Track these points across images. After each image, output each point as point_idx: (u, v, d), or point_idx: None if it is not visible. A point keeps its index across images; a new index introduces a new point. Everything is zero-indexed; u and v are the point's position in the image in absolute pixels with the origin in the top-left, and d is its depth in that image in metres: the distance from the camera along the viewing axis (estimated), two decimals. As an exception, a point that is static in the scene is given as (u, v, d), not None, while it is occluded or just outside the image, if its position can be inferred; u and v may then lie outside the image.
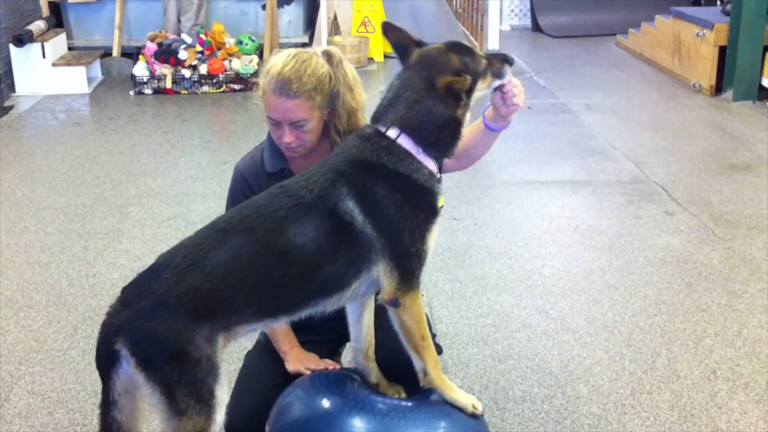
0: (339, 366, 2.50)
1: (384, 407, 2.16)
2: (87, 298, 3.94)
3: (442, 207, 2.14)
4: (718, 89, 7.58)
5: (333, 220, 2.00)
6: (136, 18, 8.97)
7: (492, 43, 9.06)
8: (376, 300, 2.21)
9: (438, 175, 2.13)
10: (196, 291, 1.93)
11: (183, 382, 1.89)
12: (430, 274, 4.11)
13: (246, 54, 8.19)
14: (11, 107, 7.48)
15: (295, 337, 2.52)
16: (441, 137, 2.09)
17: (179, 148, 6.32)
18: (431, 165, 2.09)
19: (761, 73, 7.22)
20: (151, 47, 7.92)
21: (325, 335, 2.55)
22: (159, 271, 1.97)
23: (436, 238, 2.11)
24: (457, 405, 2.18)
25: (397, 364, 2.24)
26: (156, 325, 1.90)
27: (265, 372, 2.52)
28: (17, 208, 5.10)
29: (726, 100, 7.41)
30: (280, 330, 2.49)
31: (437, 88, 2.04)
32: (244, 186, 2.48)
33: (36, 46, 7.88)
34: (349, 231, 2.01)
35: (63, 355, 3.45)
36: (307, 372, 2.40)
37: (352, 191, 2.01)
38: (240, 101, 7.70)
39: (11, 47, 7.77)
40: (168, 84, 7.88)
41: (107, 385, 1.96)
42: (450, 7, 10.62)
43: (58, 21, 8.82)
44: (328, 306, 2.10)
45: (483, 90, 2.15)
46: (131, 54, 8.40)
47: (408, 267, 2.05)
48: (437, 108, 2.06)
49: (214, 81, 7.95)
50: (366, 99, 2.41)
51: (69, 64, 8.07)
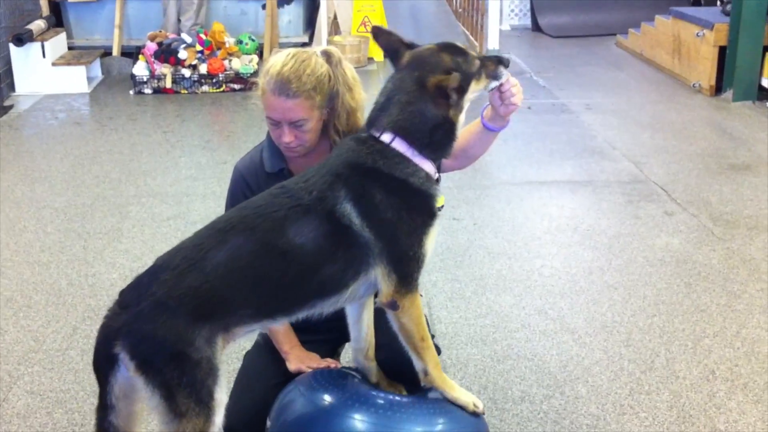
0: (340, 365, 2.50)
1: (384, 402, 2.17)
2: (86, 297, 3.94)
3: (442, 207, 2.13)
4: (717, 89, 7.59)
5: (331, 222, 2.00)
6: (136, 17, 8.98)
7: (492, 43, 9.03)
8: (375, 301, 2.21)
9: (436, 176, 2.12)
10: (196, 292, 1.92)
11: (183, 384, 1.89)
12: (429, 274, 4.11)
13: (246, 54, 8.19)
14: (11, 107, 7.47)
15: (296, 337, 2.52)
16: (435, 138, 2.07)
17: (179, 147, 6.32)
18: (428, 166, 2.09)
19: (761, 74, 7.22)
20: (151, 47, 7.92)
21: (325, 335, 2.55)
22: (158, 273, 1.96)
23: (435, 239, 2.11)
24: (458, 403, 2.18)
25: (398, 363, 2.24)
26: (156, 328, 1.89)
27: (265, 372, 2.52)
28: (17, 207, 5.10)
29: (726, 100, 7.41)
30: (281, 330, 2.49)
31: (428, 87, 2.03)
32: (243, 186, 2.48)
33: (36, 45, 7.89)
34: (348, 233, 2.01)
35: (62, 355, 3.45)
36: (309, 371, 2.40)
37: (349, 194, 2.01)
38: (240, 101, 7.70)
39: (11, 46, 7.78)
40: (168, 83, 7.88)
41: (105, 389, 1.95)
42: (450, 7, 10.61)
43: (58, 20, 8.83)
44: (326, 307, 2.09)
45: (477, 91, 2.13)
46: (131, 53, 8.40)
47: (406, 270, 2.05)
48: (429, 109, 2.05)
49: (213, 81, 7.95)
50: (365, 99, 2.41)
51: (69, 63, 8.07)
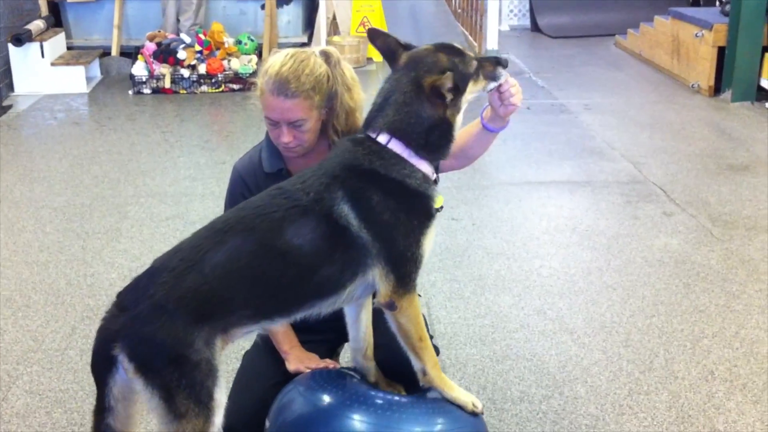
0: (338, 365, 2.50)
1: (382, 402, 2.17)
2: (85, 297, 3.94)
3: (441, 207, 2.13)
4: (716, 90, 7.59)
5: (329, 223, 2.00)
6: (135, 17, 8.98)
7: (491, 44, 9.04)
8: (373, 301, 2.21)
9: (433, 177, 2.12)
10: (195, 293, 1.92)
11: (182, 385, 1.89)
12: (428, 274, 4.11)
13: (245, 54, 8.19)
14: (10, 106, 7.47)
15: (296, 337, 2.52)
16: (432, 139, 2.07)
17: (178, 147, 6.32)
18: (425, 167, 2.08)
19: (760, 74, 7.23)
20: (150, 47, 7.92)
21: (324, 335, 2.55)
22: (156, 275, 1.96)
23: (433, 240, 2.11)
24: (457, 403, 2.18)
25: (396, 363, 2.24)
26: (155, 330, 1.88)
27: (264, 372, 2.52)
28: (15, 207, 5.10)
29: (724, 100, 7.42)
30: (280, 330, 2.48)
31: (424, 88, 2.03)
32: (242, 186, 2.48)
33: (35, 45, 7.88)
34: (345, 235, 2.00)
35: (61, 355, 3.44)
36: (307, 371, 2.40)
37: (346, 196, 2.01)
38: (239, 101, 7.69)
39: (10, 46, 7.77)
40: (167, 84, 7.88)
41: (103, 391, 1.94)
42: (449, 8, 10.61)
43: (57, 20, 8.83)
44: (323, 308, 2.09)
45: (475, 92, 2.13)
46: (130, 53, 8.40)
47: (404, 271, 2.05)
48: (425, 109, 2.04)
49: (212, 81, 7.95)
50: (364, 99, 2.41)
51: (68, 63, 8.07)
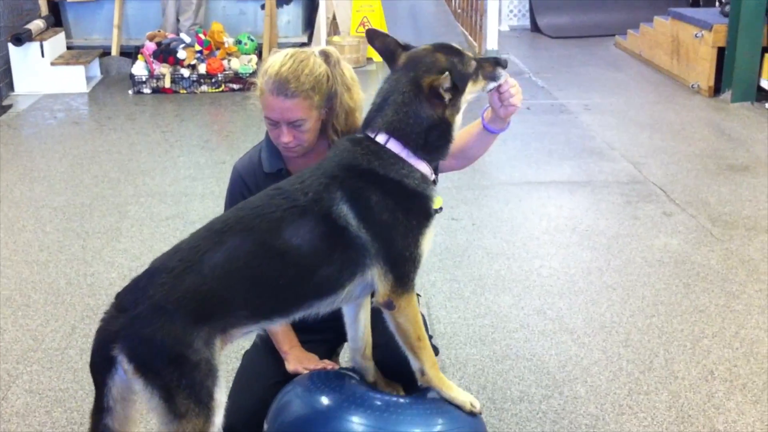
0: (338, 366, 2.50)
1: (381, 403, 2.17)
2: (85, 297, 3.94)
3: (441, 209, 2.13)
4: (716, 90, 7.59)
5: (328, 223, 2.00)
6: (134, 17, 8.97)
7: (491, 44, 9.04)
8: (372, 301, 2.21)
9: (432, 177, 2.12)
10: (194, 294, 1.92)
11: (182, 385, 1.89)
12: (428, 274, 4.11)
13: (245, 54, 8.19)
14: (10, 106, 7.47)
15: (296, 337, 2.52)
16: (430, 139, 2.07)
17: (178, 147, 6.32)
18: (423, 168, 2.08)
19: (760, 74, 7.23)
20: (150, 46, 7.92)
21: (324, 335, 2.55)
22: (155, 275, 1.96)
23: (431, 240, 2.11)
24: (455, 403, 2.18)
25: (395, 363, 2.24)
26: (154, 331, 1.88)
27: (264, 371, 2.52)
28: (15, 206, 5.10)
29: (724, 101, 7.42)
30: (280, 330, 2.49)
31: (422, 87, 2.03)
32: (242, 186, 2.48)
33: (35, 45, 7.88)
34: (344, 235, 2.01)
35: (61, 354, 3.45)
36: (306, 372, 2.40)
37: (345, 196, 2.01)
38: (239, 101, 7.69)
39: (10, 46, 7.77)
40: (167, 83, 7.88)
41: (102, 391, 1.94)
42: (449, 8, 10.62)
43: (56, 20, 8.82)
44: (322, 308, 2.10)
45: (475, 92, 2.13)
46: (130, 53, 8.39)
47: (402, 270, 2.05)
48: (424, 109, 2.04)
49: (212, 80, 7.95)
50: (364, 99, 2.41)
51: (68, 63, 8.07)
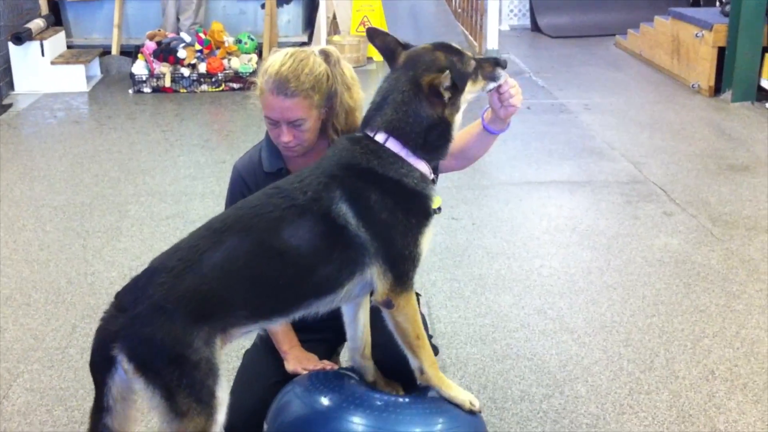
0: (337, 366, 2.50)
1: (381, 403, 2.16)
2: (86, 296, 3.94)
3: (440, 209, 2.13)
4: (716, 90, 7.59)
5: (327, 222, 2.00)
6: (135, 16, 8.97)
7: (491, 43, 9.04)
8: (371, 299, 2.21)
9: (431, 177, 2.11)
10: (193, 293, 1.92)
11: (183, 385, 1.89)
12: (428, 273, 4.11)
13: (245, 53, 8.19)
14: (10, 105, 7.47)
15: (296, 337, 2.52)
16: (430, 139, 2.07)
17: (178, 146, 6.32)
18: (423, 167, 2.08)
19: (760, 74, 7.23)
20: (150, 46, 7.92)
21: (323, 334, 2.55)
22: (154, 275, 1.95)
23: (430, 239, 2.11)
24: (455, 402, 2.18)
25: (395, 363, 2.23)
26: (154, 330, 1.88)
27: (264, 370, 2.52)
28: (16, 206, 5.10)
29: (725, 100, 7.42)
30: (280, 329, 2.48)
31: (422, 86, 2.03)
32: (242, 186, 2.48)
33: (35, 44, 7.88)
34: (343, 234, 2.00)
35: (62, 353, 3.45)
36: (305, 372, 2.40)
37: (344, 195, 2.01)
38: (239, 100, 7.69)
39: (10, 45, 7.77)
40: (167, 83, 7.88)
41: (102, 391, 1.94)
42: (449, 7, 10.62)
43: (57, 19, 8.82)
44: (321, 307, 2.09)
45: (474, 92, 2.13)
46: (130, 52, 8.39)
47: (401, 269, 2.05)
48: (424, 108, 2.04)
49: (213, 80, 7.95)
50: (364, 98, 2.40)
51: (68, 62, 8.07)
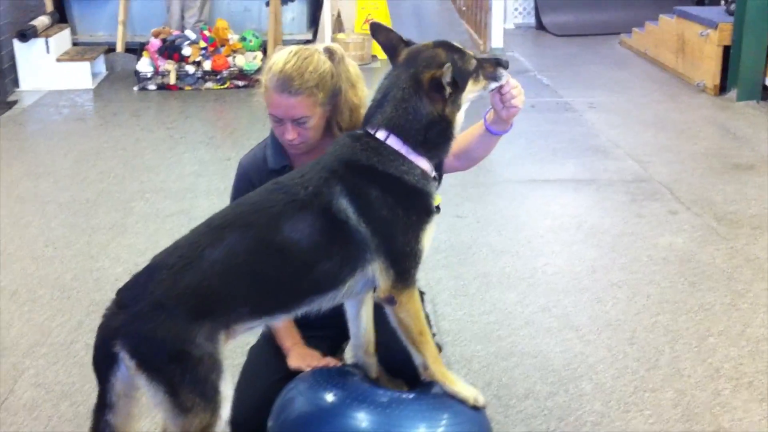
0: (340, 363, 2.49)
1: (385, 399, 2.16)
2: (91, 292, 3.95)
3: (438, 207, 2.12)
4: (721, 89, 7.57)
5: (327, 218, 2.00)
6: (139, 14, 8.99)
7: (496, 42, 9.04)
8: (373, 296, 2.21)
9: (433, 174, 2.11)
10: (194, 290, 1.92)
11: (186, 381, 1.89)
12: (433, 271, 4.11)
13: (250, 50, 8.20)
14: (15, 102, 7.49)
15: (299, 334, 2.52)
16: (430, 136, 2.06)
17: (183, 144, 6.33)
18: (424, 164, 2.08)
19: (765, 73, 7.21)
20: (155, 43, 7.92)
21: (326, 331, 2.55)
22: (155, 272, 1.96)
23: (432, 236, 2.10)
24: (459, 397, 2.17)
25: (398, 359, 2.23)
26: (155, 327, 1.89)
27: (268, 367, 2.52)
28: (21, 202, 5.11)
29: (730, 99, 7.40)
30: (283, 326, 2.49)
31: (422, 83, 2.02)
32: (247, 183, 2.48)
33: (40, 41, 7.90)
34: (344, 229, 2.00)
35: (67, 349, 3.46)
36: (309, 369, 2.40)
37: (345, 190, 2.01)
38: (243, 97, 7.70)
39: (15, 42, 7.79)
40: (172, 80, 7.89)
41: (105, 387, 1.95)
42: (454, 5, 10.62)
43: (62, 16, 8.84)
44: (323, 303, 2.09)
45: (475, 92, 2.12)
46: (135, 50, 8.42)
47: (403, 266, 2.05)
48: (424, 105, 2.04)
49: (217, 77, 7.96)
50: (368, 95, 2.40)
51: (73, 59, 8.08)
